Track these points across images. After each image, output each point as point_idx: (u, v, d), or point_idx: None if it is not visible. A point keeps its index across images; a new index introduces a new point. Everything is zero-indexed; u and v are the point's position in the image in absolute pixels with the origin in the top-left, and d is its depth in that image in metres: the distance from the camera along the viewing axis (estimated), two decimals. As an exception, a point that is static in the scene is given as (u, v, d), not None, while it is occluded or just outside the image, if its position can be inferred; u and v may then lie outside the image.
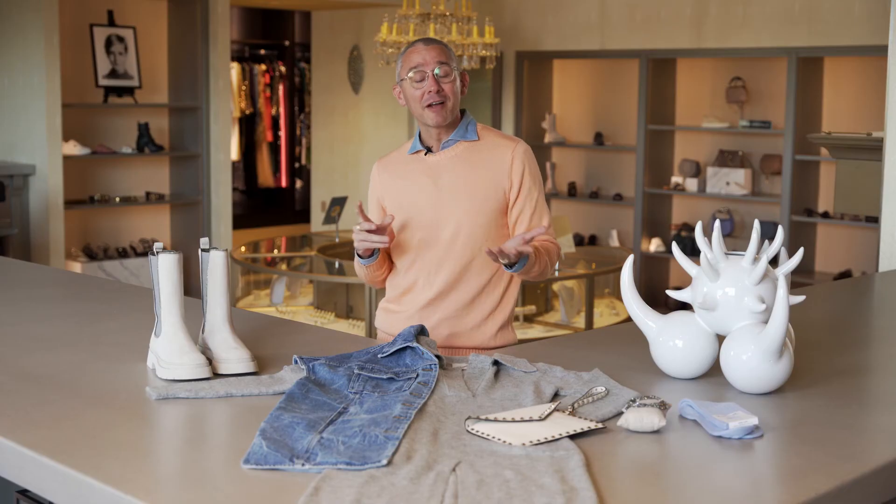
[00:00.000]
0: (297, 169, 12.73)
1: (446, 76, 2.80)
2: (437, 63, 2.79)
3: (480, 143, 2.87)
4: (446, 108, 2.80)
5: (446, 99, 2.79)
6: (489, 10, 8.91)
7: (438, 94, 2.78)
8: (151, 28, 8.38)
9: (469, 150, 2.86)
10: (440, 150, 2.88)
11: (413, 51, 2.83)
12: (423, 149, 2.89)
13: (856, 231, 7.75)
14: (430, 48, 2.81)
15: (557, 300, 6.97)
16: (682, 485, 1.70)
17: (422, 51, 2.81)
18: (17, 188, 7.42)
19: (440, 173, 2.85)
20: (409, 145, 2.94)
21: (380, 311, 3.01)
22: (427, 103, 2.79)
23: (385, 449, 1.73)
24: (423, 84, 2.79)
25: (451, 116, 2.83)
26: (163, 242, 7.57)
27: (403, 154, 2.94)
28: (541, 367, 2.24)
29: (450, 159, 2.86)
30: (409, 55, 2.84)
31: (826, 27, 7.46)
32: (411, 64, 2.81)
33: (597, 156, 9.21)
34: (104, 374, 2.28)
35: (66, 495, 1.72)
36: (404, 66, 2.83)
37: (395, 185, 2.90)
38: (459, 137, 2.86)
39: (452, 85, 2.81)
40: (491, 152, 2.85)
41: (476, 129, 2.89)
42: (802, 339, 2.51)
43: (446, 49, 2.84)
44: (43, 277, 3.67)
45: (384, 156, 3.00)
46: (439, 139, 2.87)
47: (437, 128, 2.84)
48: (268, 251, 8.17)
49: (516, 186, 2.83)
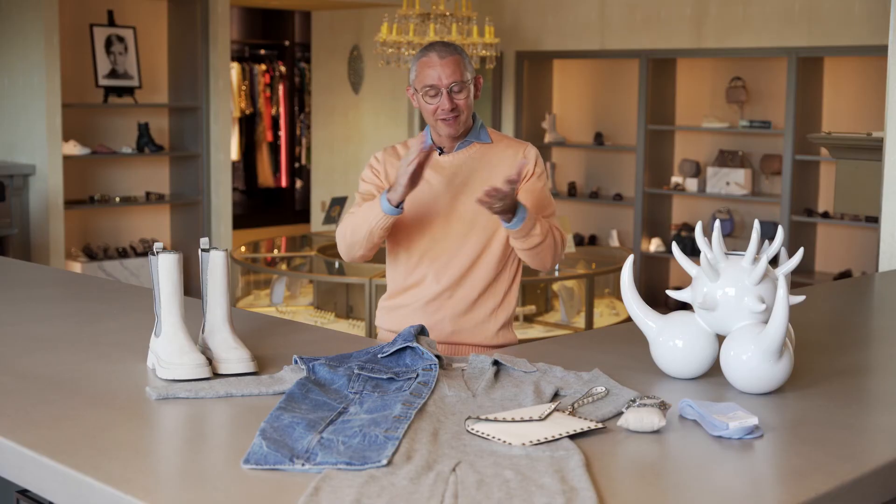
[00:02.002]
0: (297, 169, 12.73)
1: (461, 91, 2.82)
2: (452, 81, 2.79)
3: (493, 146, 2.93)
4: (459, 121, 2.85)
5: (460, 113, 2.83)
6: (489, 10, 8.90)
7: (453, 111, 2.81)
8: (151, 28, 8.38)
9: (483, 152, 2.92)
10: (455, 151, 2.91)
11: (428, 64, 2.81)
12: (436, 148, 2.91)
13: (856, 231, 7.75)
14: (446, 63, 2.80)
15: (557, 300, 6.97)
16: (682, 485, 1.70)
17: (437, 66, 2.80)
18: (17, 188, 7.42)
19: (455, 172, 2.89)
20: (413, 142, 2.94)
21: (381, 310, 3.01)
22: (441, 118, 2.82)
23: (385, 449, 1.73)
24: (436, 100, 2.81)
25: (463, 127, 2.88)
26: (163, 242, 7.57)
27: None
28: (541, 367, 2.24)
29: (464, 159, 2.90)
30: (424, 69, 2.82)
31: (826, 27, 7.46)
32: (426, 80, 2.81)
33: (597, 156, 9.21)
34: (104, 374, 2.28)
35: (66, 495, 1.72)
36: (418, 78, 2.83)
37: None
38: (474, 139, 2.92)
39: (467, 99, 2.84)
40: (504, 153, 2.91)
41: (487, 132, 2.94)
42: (802, 339, 2.51)
43: (462, 59, 2.83)
44: (43, 277, 3.67)
45: (389, 146, 2.99)
46: (453, 141, 2.91)
47: (449, 137, 2.88)
48: (268, 251, 8.17)
49: (524, 180, 2.88)
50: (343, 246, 2.88)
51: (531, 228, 2.75)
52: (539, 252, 2.82)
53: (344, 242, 2.87)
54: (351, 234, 2.82)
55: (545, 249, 2.81)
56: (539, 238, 2.78)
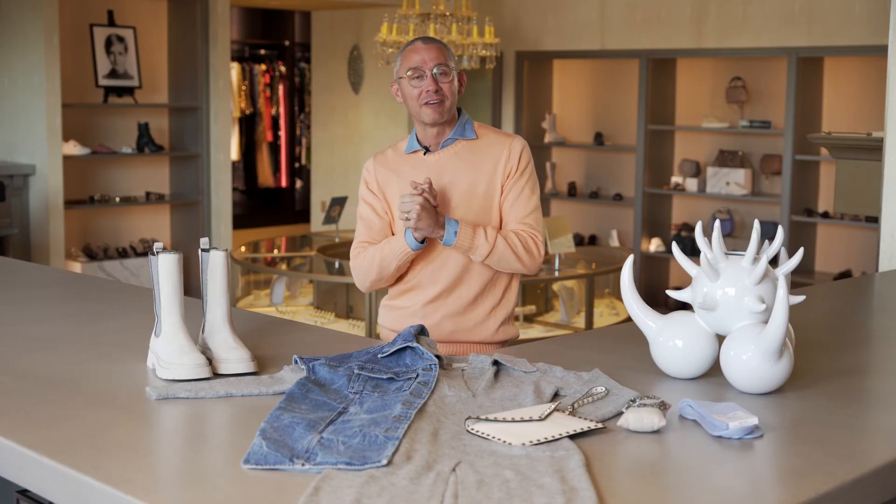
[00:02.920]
0: (297, 169, 12.73)
1: (445, 75, 2.82)
2: (436, 63, 2.80)
3: (479, 142, 2.89)
4: (444, 107, 2.82)
5: (444, 98, 2.82)
6: (489, 10, 8.91)
7: (437, 93, 2.80)
8: (151, 28, 8.38)
9: (468, 149, 2.88)
10: (439, 150, 2.89)
11: (412, 50, 2.84)
12: (420, 148, 2.90)
13: (856, 231, 7.75)
14: (430, 48, 2.83)
15: (557, 300, 6.97)
16: (682, 485, 1.70)
17: (421, 50, 2.83)
18: (17, 188, 7.42)
19: (441, 172, 2.86)
20: (405, 144, 2.95)
21: (382, 309, 3.02)
22: (424, 101, 2.81)
23: (385, 449, 1.73)
24: (421, 83, 2.81)
25: (447, 115, 2.85)
26: (163, 242, 7.57)
27: (400, 153, 2.95)
28: (541, 367, 2.24)
29: (450, 158, 2.88)
30: (407, 54, 2.85)
31: (826, 27, 7.46)
32: (410, 63, 2.82)
33: (597, 156, 9.21)
34: (104, 374, 2.28)
35: (66, 495, 1.72)
36: (403, 65, 2.85)
37: (395, 183, 2.89)
38: (458, 136, 2.89)
39: (451, 85, 2.83)
40: (490, 149, 2.88)
41: (473, 127, 2.91)
42: (802, 339, 2.51)
43: (445, 49, 2.85)
44: (43, 277, 3.67)
45: (379, 152, 2.99)
46: (437, 138, 2.89)
47: (434, 126, 2.86)
48: (268, 251, 8.17)
49: (508, 173, 2.86)
50: (366, 281, 2.90)
51: (471, 241, 2.75)
52: (497, 262, 2.80)
53: (368, 278, 2.89)
54: (379, 270, 2.86)
55: (503, 259, 2.79)
56: (486, 248, 2.76)
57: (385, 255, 2.83)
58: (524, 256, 2.81)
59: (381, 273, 2.86)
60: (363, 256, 2.89)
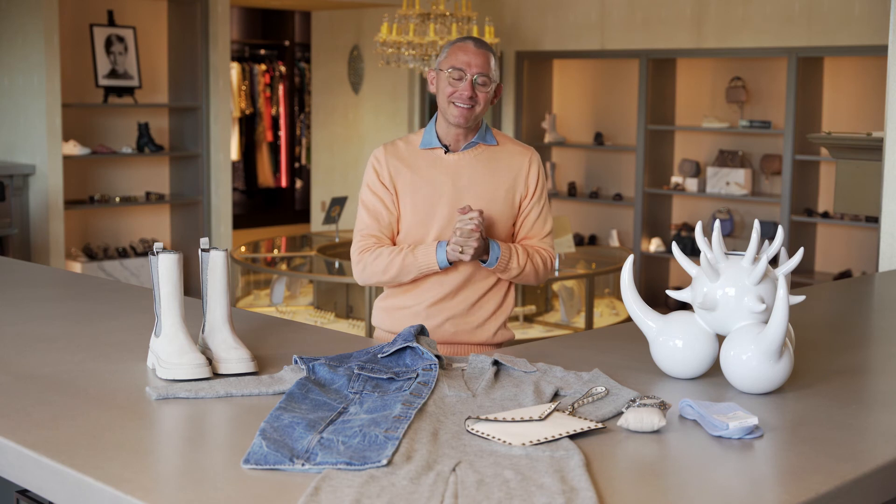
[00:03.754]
0: (297, 169, 12.73)
1: (483, 85, 2.84)
2: (479, 71, 2.82)
3: (499, 149, 2.94)
4: (473, 112, 2.85)
5: (476, 105, 2.84)
6: (489, 10, 8.91)
7: (471, 99, 2.82)
8: (151, 28, 8.38)
9: (488, 154, 2.91)
10: (461, 150, 2.90)
11: (461, 49, 2.84)
12: (440, 146, 2.90)
13: (856, 231, 7.75)
14: (479, 53, 2.84)
15: (557, 300, 6.97)
16: (682, 485, 1.70)
17: (470, 52, 2.83)
18: (17, 188, 7.42)
19: (460, 173, 2.88)
20: (418, 138, 2.93)
21: (378, 310, 3.00)
22: (456, 101, 2.82)
23: (385, 449, 1.73)
24: (459, 84, 2.83)
25: (474, 122, 2.88)
26: (163, 242, 7.57)
27: (414, 147, 2.92)
28: (541, 367, 2.24)
29: (469, 160, 2.89)
30: (455, 51, 2.85)
31: (826, 27, 7.46)
32: (455, 62, 2.83)
33: (597, 156, 9.21)
34: (104, 374, 2.28)
35: (66, 495, 1.72)
36: (448, 59, 2.85)
37: (407, 177, 2.88)
38: (480, 140, 2.92)
39: (486, 94, 2.85)
40: (510, 158, 2.92)
41: (493, 134, 2.95)
42: (802, 339, 2.51)
43: (493, 60, 2.87)
44: (43, 277, 3.67)
45: (388, 143, 2.96)
46: (460, 139, 2.90)
47: (458, 128, 2.87)
48: (268, 251, 8.17)
49: (530, 193, 2.92)
50: (372, 279, 2.88)
51: (507, 263, 2.83)
52: (519, 279, 2.90)
53: (377, 278, 2.87)
54: (395, 276, 2.85)
55: (525, 276, 2.90)
56: (517, 270, 2.86)
57: (407, 265, 2.82)
58: (542, 273, 2.92)
59: (396, 279, 2.86)
60: (377, 255, 2.84)
